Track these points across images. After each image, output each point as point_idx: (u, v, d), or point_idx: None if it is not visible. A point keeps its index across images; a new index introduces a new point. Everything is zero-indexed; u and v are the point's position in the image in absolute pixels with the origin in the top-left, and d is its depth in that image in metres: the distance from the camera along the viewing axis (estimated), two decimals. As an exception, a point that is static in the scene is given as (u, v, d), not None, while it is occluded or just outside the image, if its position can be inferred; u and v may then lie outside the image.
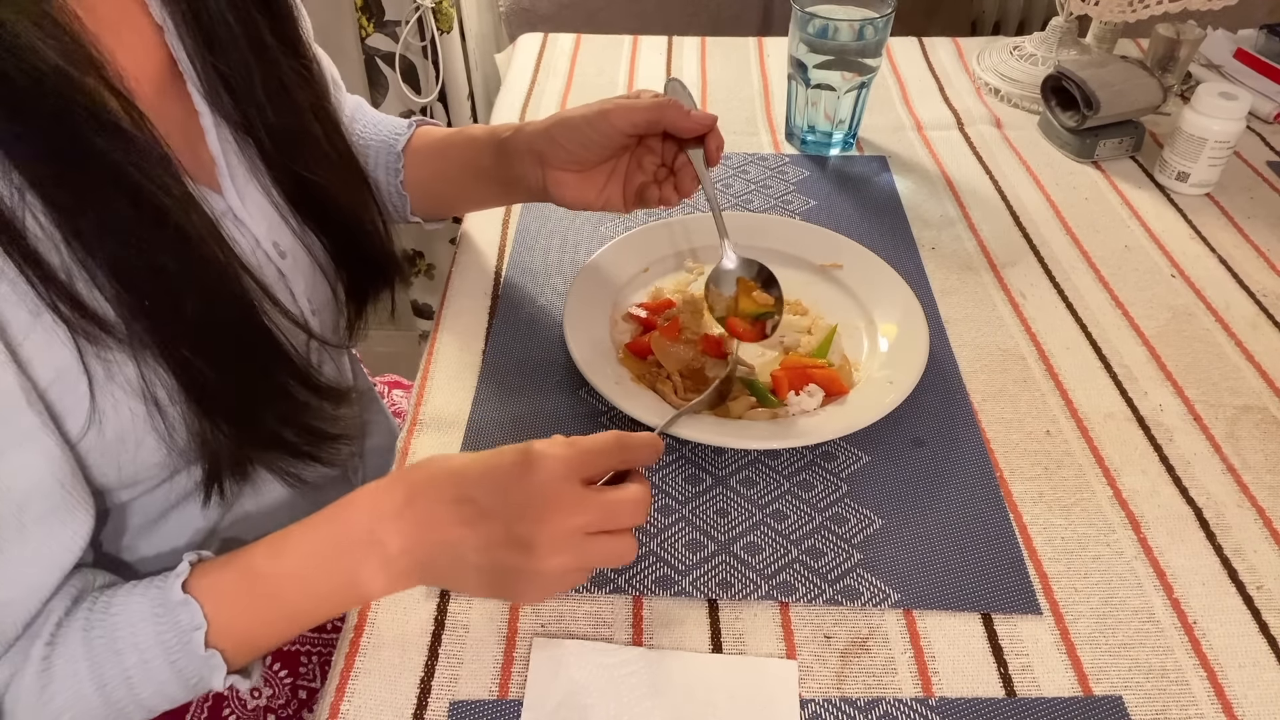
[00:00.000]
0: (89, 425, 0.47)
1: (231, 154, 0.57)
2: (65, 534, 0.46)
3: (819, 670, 0.51)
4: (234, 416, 0.52)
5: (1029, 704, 0.49)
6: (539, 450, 0.48)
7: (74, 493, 0.46)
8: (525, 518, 0.46)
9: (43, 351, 0.44)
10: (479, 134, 0.73)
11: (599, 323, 0.70)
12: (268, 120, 0.57)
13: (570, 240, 0.81)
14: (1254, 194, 0.89)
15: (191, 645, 0.46)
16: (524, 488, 0.47)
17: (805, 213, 0.85)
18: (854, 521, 0.58)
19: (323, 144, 0.61)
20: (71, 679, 0.46)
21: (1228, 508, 0.60)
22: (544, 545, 0.46)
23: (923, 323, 0.68)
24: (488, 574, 0.48)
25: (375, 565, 0.48)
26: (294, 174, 0.60)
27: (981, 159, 0.94)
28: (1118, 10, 0.96)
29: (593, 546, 0.47)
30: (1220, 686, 0.50)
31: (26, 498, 0.44)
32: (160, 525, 0.57)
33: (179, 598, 0.47)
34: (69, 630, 0.46)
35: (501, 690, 0.50)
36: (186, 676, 0.47)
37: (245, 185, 0.57)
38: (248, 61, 0.56)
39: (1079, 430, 0.65)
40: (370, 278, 0.69)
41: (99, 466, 0.49)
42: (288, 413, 0.56)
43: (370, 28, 1.38)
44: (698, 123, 0.64)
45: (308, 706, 0.66)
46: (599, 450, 0.49)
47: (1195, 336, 0.73)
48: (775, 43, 1.14)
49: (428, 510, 0.48)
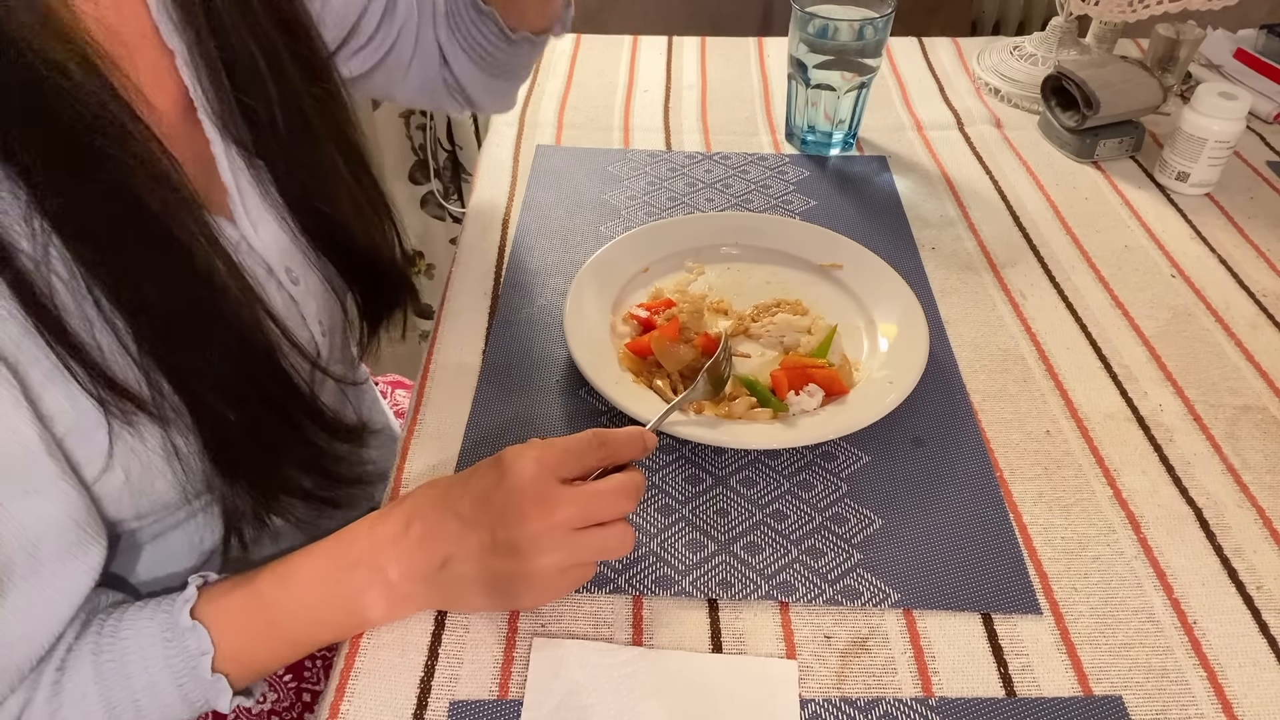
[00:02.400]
0: (105, 471, 0.47)
1: (245, 181, 0.55)
2: (80, 570, 0.46)
3: (819, 670, 0.51)
4: (252, 463, 0.52)
5: (1029, 704, 0.49)
6: (512, 453, 0.48)
7: (88, 529, 0.46)
8: (506, 522, 0.47)
9: (62, 402, 0.44)
10: None
11: (599, 323, 0.70)
12: (287, 153, 0.55)
13: (570, 240, 0.81)
14: (1254, 194, 0.89)
15: (199, 670, 0.47)
16: (502, 492, 0.47)
17: (805, 213, 0.85)
18: (854, 521, 0.58)
19: (343, 174, 0.60)
20: (81, 702, 0.46)
21: (1228, 508, 0.60)
22: (530, 546, 0.46)
23: (923, 323, 0.68)
24: (486, 585, 0.48)
25: (377, 592, 0.49)
26: (308, 201, 0.58)
27: (981, 159, 0.94)
28: (1118, 10, 0.96)
29: (583, 541, 0.47)
30: (1220, 686, 0.50)
31: (41, 538, 0.44)
32: (166, 540, 0.57)
33: (187, 624, 0.47)
34: (79, 655, 0.46)
35: (501, 690, 0.50)
36: (193, 700, 0.48)
37: (258, 212, 0.56)
38: (266, 90, 0.53)
39: (1079, 430, 0.65)
40: (383, 299, 0.68)
41: (115, 503, 0.49)
42: (304, 457, 0.56)
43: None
44: None
45: (311, 709, 0.66)
46: (575, 449, 0.49)
47: (1195, 336, 0.73)
48: (775, 43, 1.14)
49: (421, 532, 0.49)
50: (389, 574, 0.48)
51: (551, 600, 0.52)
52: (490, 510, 0.47)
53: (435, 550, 0.48)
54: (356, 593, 0.49)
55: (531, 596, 0.50)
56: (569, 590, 0.51)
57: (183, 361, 0.46)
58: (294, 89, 0.55)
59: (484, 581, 0.48)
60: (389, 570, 0.48)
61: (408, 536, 0.49)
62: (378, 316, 0.69)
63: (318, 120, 0.57)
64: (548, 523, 0.46)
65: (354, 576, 0.49)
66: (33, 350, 0.42)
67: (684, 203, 0.86)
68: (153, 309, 0.45)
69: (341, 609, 0.49)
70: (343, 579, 0.49)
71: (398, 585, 0.49)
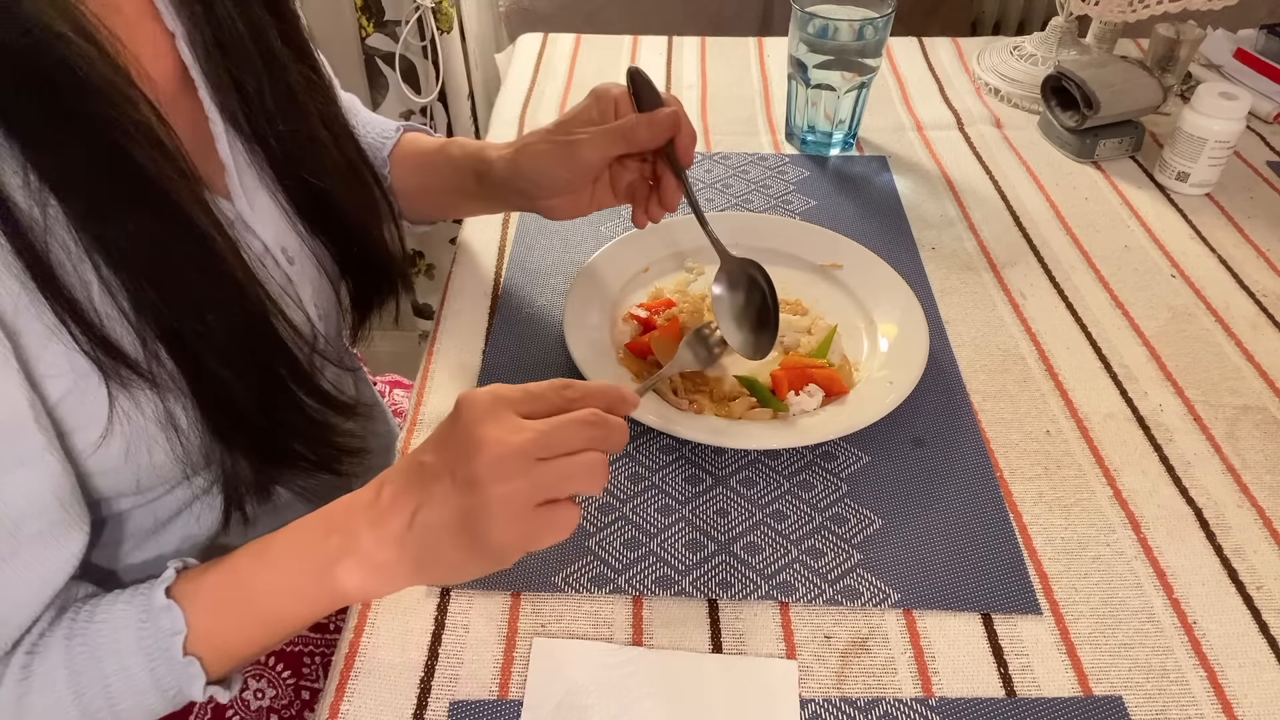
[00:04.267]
0: (104, 438, 0.47)
1: (241, 160, 0.57)
2: (60, 553, 0.46)
3: (819, 670, 0.51)
4: (252, 433, 0.52)
5: (1029, 704, 0.49)
6: (468, 393, 0.46)
7: (71, 510, 0.46)
8: (464, 457, 0.44)
9: (59, 363, 0.44)
10: (458, 157, 0.73)
11: (599, 323, 0.70)
12: (277, 126, 0.57)
13: (570, 240, 0.81)
14: (1254, 194, 0.89)
15: (171, 652, 0.46)
16: (456, 432, 0.45)
17: (805, 213, 0.85)
18: (854, 521, 0.58)
19: (331, 150, 0.61)
20: (50, 688, 0.45)
21: (1228, 508, 0.60)
22: (485, 475, 0.43)
23: (923, 323, 0.68)
24: (455, 529, 0.45)
25: (351, 561, 0.47)
26: (302, 180, 0.59)
27: (981, 159, 0.94)
28: (1118, 10, 0.96)
29: (546, 470, 0.44)
30: (1220, 686, 0.50)
31: (23, 515, 0.44)
32: (157, 536, 0.57)
33: (162, 603, 0.46)
34: (51, 639, 0.46)
35: (501, 690, 0.50)
36: (165, 686, 0.46)
37: (254, 191, 0.57)
38: (257, 67, 0.55)
39: (1079, 430, 0.65)
40: (375, 284, 0.69)
41: (114, 475, 0.49)
42: (303, 427, 0.56)
43: (370, 28, 1.38)
44: (661, 131, 0.62)
45: (310, 707, 0.66)
46: (536, 389, 0.46)
47: (1195, 336, 0.73)
48: (775, 43, 1.14)
49: (390, 493, 0.47)
50: (363, 541, 0.46)
51: (530, 543, 0.45)
52: (448, 450, 0.45)
53: (404, 507, 0.46)
54: (330, 562, 0.47)
55: (499, 532, 0.44)
56: (549, 533, 0.45)
57: (180, 326, 0.46)
58: (281, 65, 0.57)
59: (451, 527, 0.45)
60: (363, 537, 0.46)
61: (379, 501, 0.47)
62: (369, 303, 0.69)
63: (304, 96, 0.58)
64: (502, 450, 0.43)
65: (327, 545, 0.47)
66: (31, 309, 0.42)
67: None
68: (149, 273, 0.45)
69: (314, 580, 0.47)
70: (316, 548, 0.47)
71: (371, 552, 0.46)
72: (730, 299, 0.65)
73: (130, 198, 0.44)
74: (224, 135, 0.55)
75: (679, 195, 0.65)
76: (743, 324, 0.64)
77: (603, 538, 0.57)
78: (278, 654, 0.66)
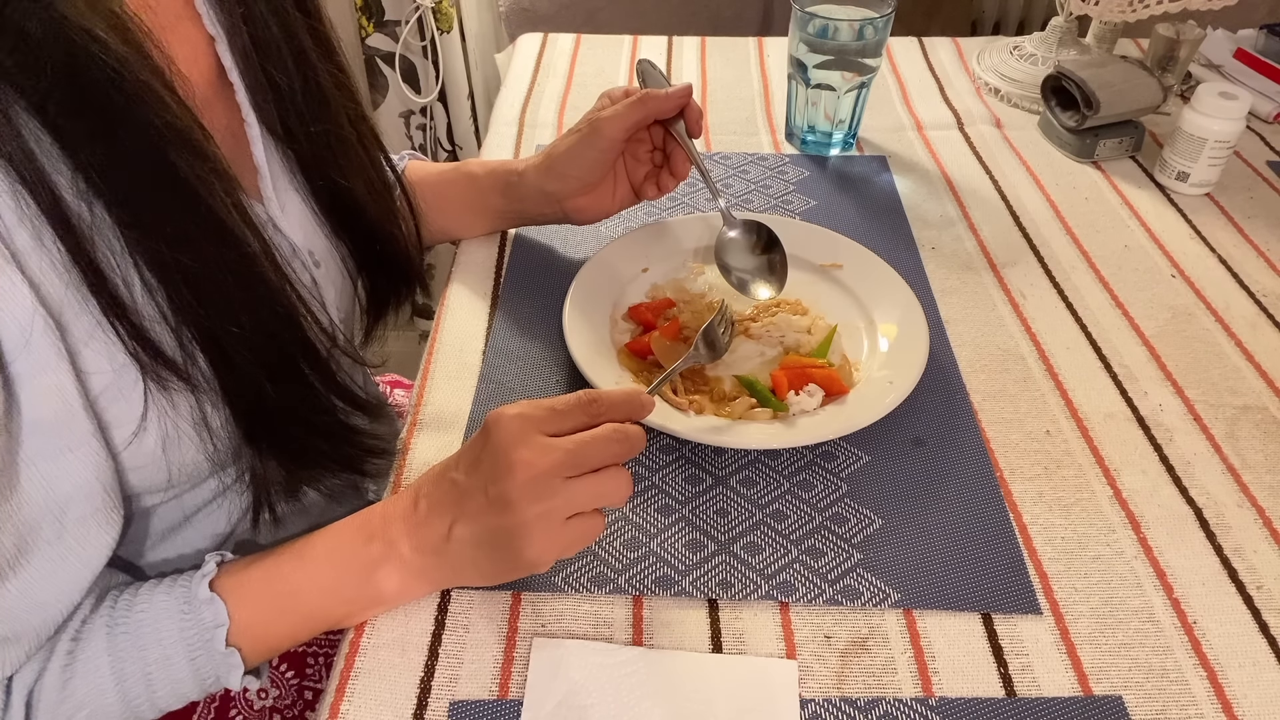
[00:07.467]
0: (137, 435, 0.47)
1: (275, 164, 0.57)
2: (102, 537, 0.47)
3: (819, 670, 0.51)
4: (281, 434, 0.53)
5: (1029, 704, 0.49)
6: (496, 413, 0.48)
7: (112, 495, 0.47)
8: (496, 478, 0.46)
9: (99, 361, 0.44)
10: (479, 174, 0.75)
11: (599, 323, 0.70)
12: (308, 127, 0.57)
13: (570, 240, 0.81)
14: (1254, 194, 0.89)
15: (214, 643, 0.47)
16: (489, 451, 0.47)
17: (805, 213, 0.85)
18: (854, 521, 0.58)
19: (356, 150, 0.62)
20: (93, 674, 0.46)
21: (1228, 508, 0.60)
22: (519, 497, 0.46)
23: (923, 323, 0.68)
24: (489, 546, 0.48)
25: (391, 566, 0.50)
26: (329, 182, 0.60)
27: (981, 159, 0.94)
28: (1118, 10, 0.96)
29: (576, 488, 0.46)
30: (1220, 686, 0.50)
31: (69, 500, 0.44)
32: (183, 530, 0.58)
33: (205, 596, 0.48)
34: (93, 626, 0.47)
35: (501, 690, 0.50)
36: (203, 675, 0.48)
37: (285, 193, 0.58)
38: (289, 67, 0.56)
39: (1079, 430, 0.65)
40: (392, 285, 0.69)
41: (146, 471, 0.50)
42: (330, 428, 0.57)
43: (370, 28, 1.38)
44: (677, 100, 0.68)
45: (313, 707, 0.66)
46: (562, 407, 0.48)
47: (1195, 336, 0.73)
48: (775, 43, 1.14)
49: (427, 506, 0.50)
50: (401, 548, 0.50)
51: (562, 554, 0.49)
52: (480, 471, 0.48)
53: (440, 520, 0.49)
54: (372, 566, 0.50)
55: (533, 548, 0.47)
56: (578, 544, 0.49)
57: (215, 327, 0.47)
58: (312, 64, 0.57)
59: (486, 543, 0.48)
60: (401, 545, 0.50)
61: (416, 512, 0.50)
62: (384, 304, 0.70)
63: (334, 95, 0.59)
64: (533, 472, 0.46)
65: (369, 550, 0.50)
66: (77, 304, 0.43)
67: (684, 203, 0.86)
68: (187, 275, 0.45)
69: (356, 582, 0.50)
70: (359, 552, 0.50)
71: (410, 560, 0.50)
72: (743, 238, 0.72)
73: (168, 201, 0.45)
74: (259, 138, 0.55)
75: (688, 166, 0.72)
76: (754, 261, 0.71)
77: (603, 538, 0.57)
78: (281, 654, 0.66)
